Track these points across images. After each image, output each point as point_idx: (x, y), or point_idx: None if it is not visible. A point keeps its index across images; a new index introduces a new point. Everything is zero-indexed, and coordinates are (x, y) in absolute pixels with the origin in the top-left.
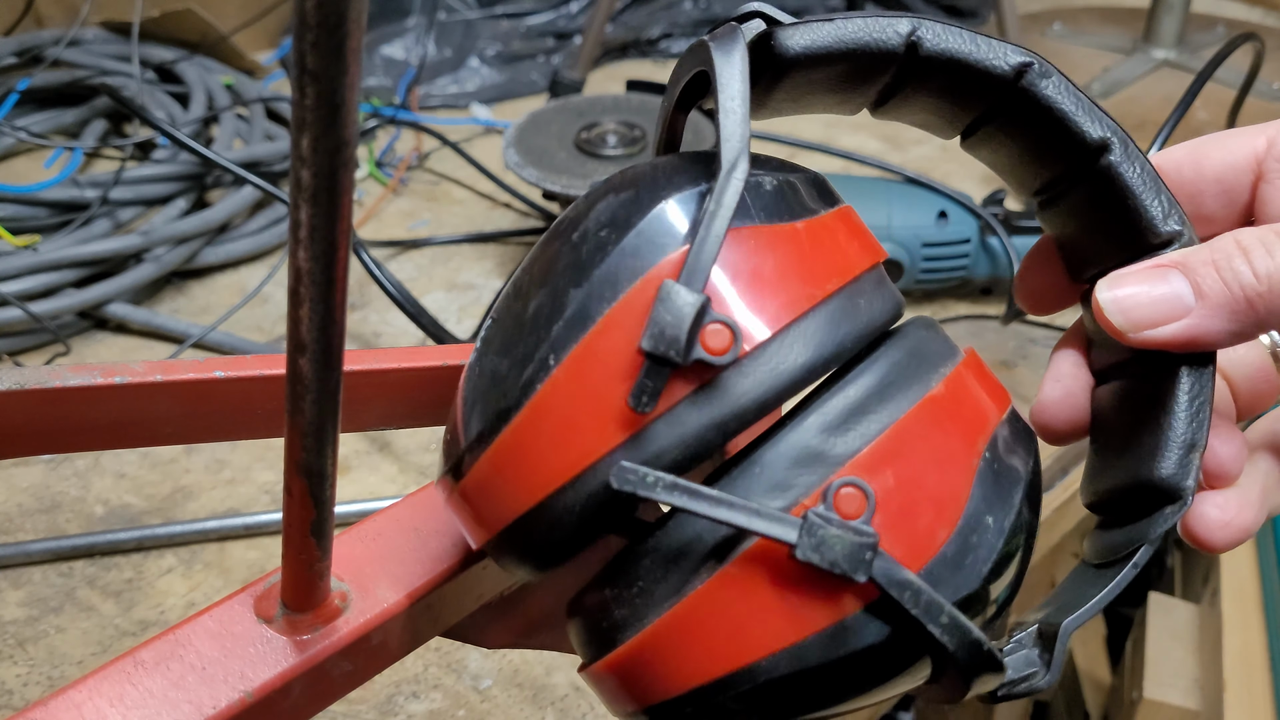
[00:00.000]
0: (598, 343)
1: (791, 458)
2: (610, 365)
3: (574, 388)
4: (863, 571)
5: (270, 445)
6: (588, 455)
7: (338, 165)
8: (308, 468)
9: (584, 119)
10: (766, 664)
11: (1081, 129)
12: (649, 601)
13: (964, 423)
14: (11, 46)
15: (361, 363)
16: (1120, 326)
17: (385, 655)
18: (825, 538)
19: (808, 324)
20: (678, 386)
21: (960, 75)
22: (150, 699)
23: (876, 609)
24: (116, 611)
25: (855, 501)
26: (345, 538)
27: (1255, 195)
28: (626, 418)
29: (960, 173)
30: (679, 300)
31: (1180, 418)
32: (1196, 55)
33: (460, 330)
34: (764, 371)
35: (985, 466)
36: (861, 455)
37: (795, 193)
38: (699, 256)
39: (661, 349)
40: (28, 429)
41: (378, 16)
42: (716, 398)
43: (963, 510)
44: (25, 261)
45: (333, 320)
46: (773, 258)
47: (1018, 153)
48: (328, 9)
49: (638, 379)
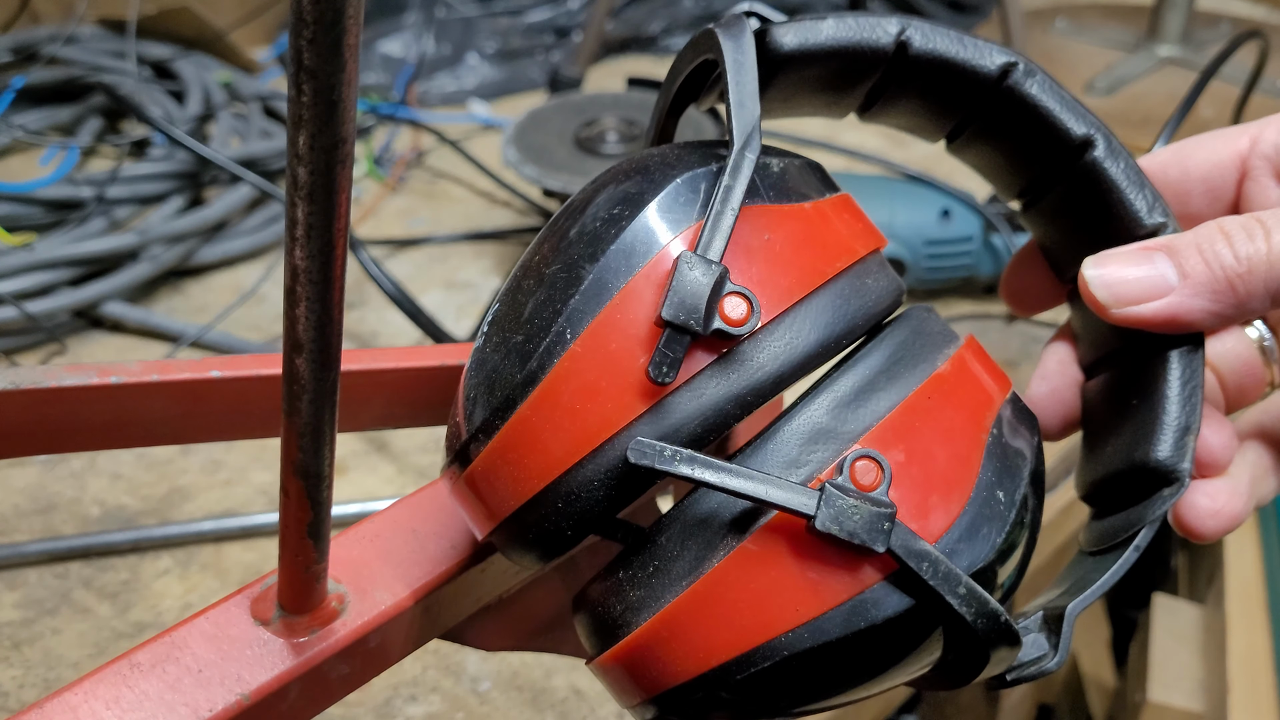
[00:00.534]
0: (616, 315)
1: (805, 435)
2: (629, 336)
3: (592, 360)
4: (881, 541)
5: (267, 446)
6: (606, 428)
7: (335, 163)
8: (304, 468)
9: (584, 116)
10: (787, 639)
11: (1064, 126)
12: (665, 581)
13: (971, 400)
14: (7, 44)
15: (359, 362)
16: (1104, 302)
17: (383, 658)
18: (844, 508)
19: (821, 299)
20: (697, 357)
21: (946, 76)
22: (146, 701)
23: (895, 580)
24: (112, 613)
25: (871, 472)
26: (343, 539)
27: (1240, 193)
28: (646, 389)
29: (963, 170)
30: (698, 270)
31: (1174, 401)
32: (1201, 52)
33: (459, 329)
34: (780, 345)
35: (993, 443)
36: (874, 430)
37: (799, 176)
38: (716, 228)
39: (682, 318)
40: (23, 429)
41: (375, 13)
42: (735, 369)
43: (974, 484)
44: (21, 260)
45: (330, 319)
46: (784, 235)
47: (1003, 153)
48: (325, 5)
49: (658, 349)
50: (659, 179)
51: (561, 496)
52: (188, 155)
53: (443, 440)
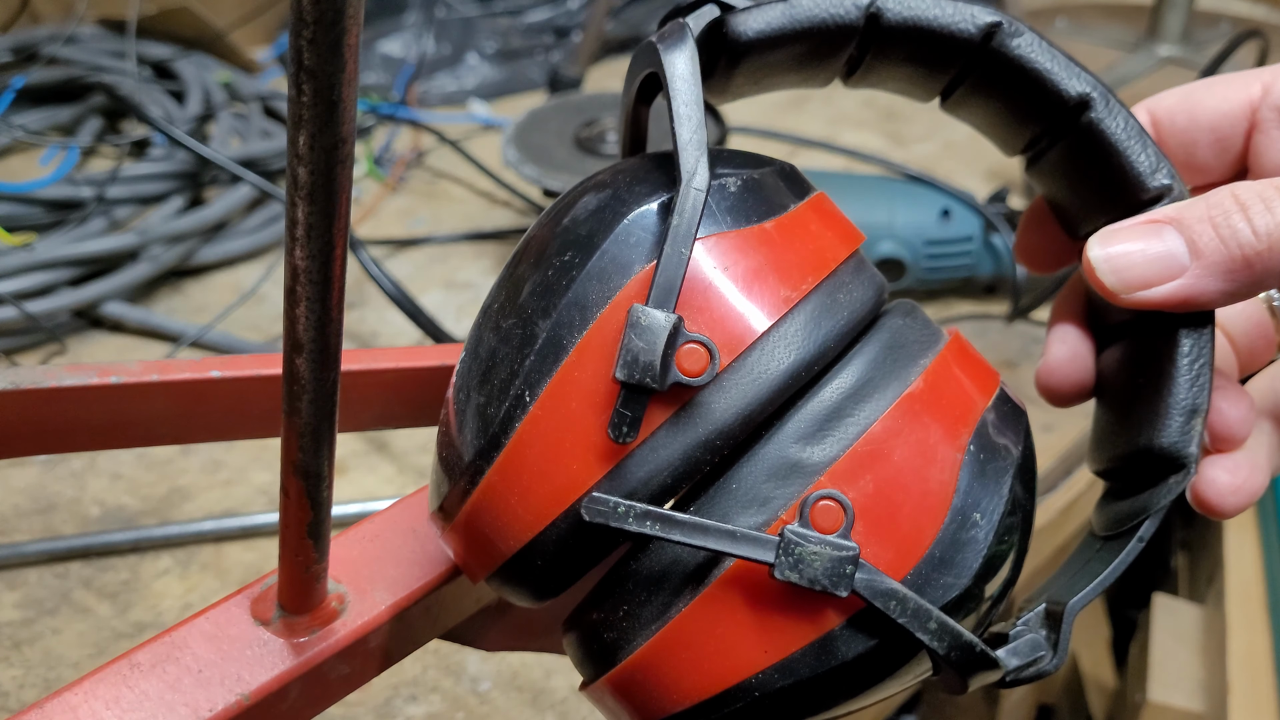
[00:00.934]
0: (572, 374)
1: (768, 470)
2: (587, 397)
3: (552, 424)
4: (844, 586)
5: (267, 446)
6: (572, 491)
7: (335, 163)
8: (305, 468)
9: (584, 116)
10: (758, 680)
11: (1059, 85)
12: (635, 625)
13: (946, 416)
14: (7, 43)
15: (359, 362)
16: (1112, 287)
17: (383, 658)
18: (803, 555)
19: (787, 328)
20: (657, 412)
21: (927, 41)
22: (146, 701)
23: (862, 619)
24: (112, 613)
25: (832, 515)
26: (342, 539)
27: (1249, 145)
28: (608, 449)
29: (963, 170)
30: (650, 324)
31: (1180, 383)
32: (1201, 52)
33: (458, 329)
34: (746, 384)
35: (970, 459)
36: (839, 463)
37: (762, 190)
38: (665, 275)
39: (636, 377)
40: (23, 429)
41: (375, 13)
42: (699, 418)
43: (949, 508)
44: (21, 260)
45: (330, 319)
46: (744, 263)
47: (996, 112)
48: (325, 5)
49: (615, 409)
50: (608, 220)
51: (538, 556)
52: (188, 155)
53: None
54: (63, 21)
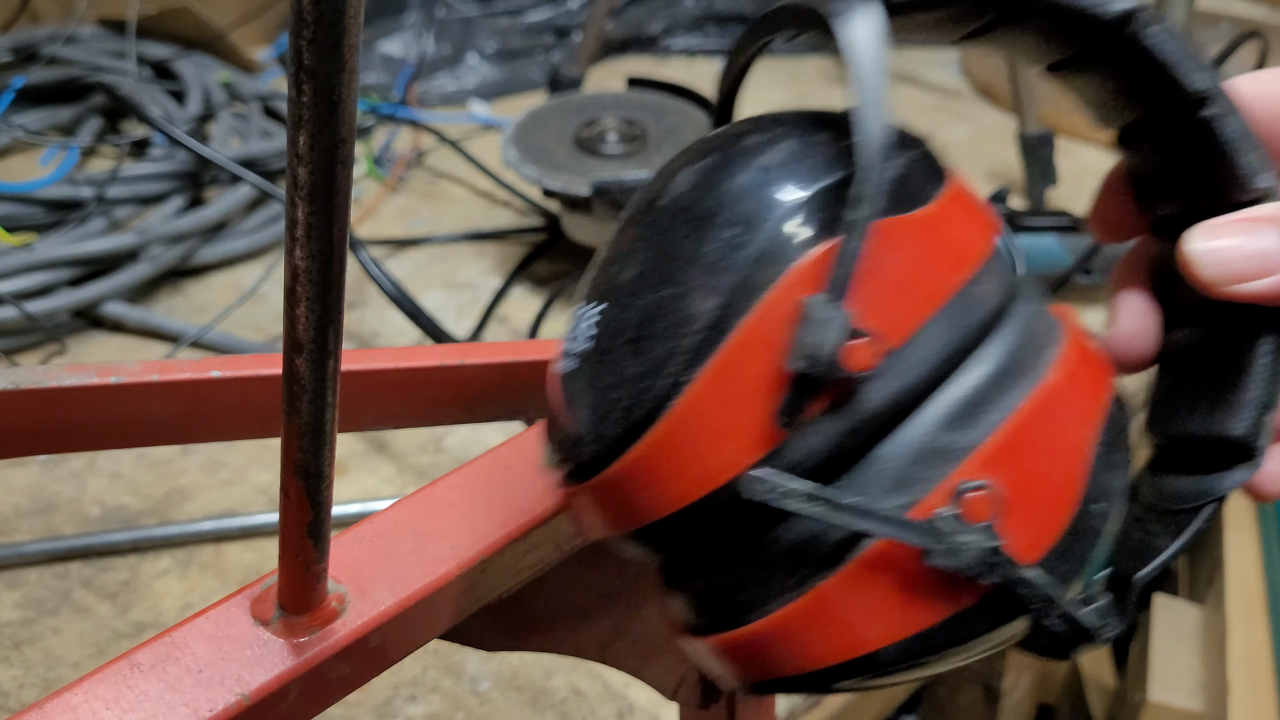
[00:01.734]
0: (736, 356)
1: (913, 453)
2: (751, 380)
3: (714, 402)
4: (990, 575)
5: (267, 446)
6: (728, 470)
7: (335, 163)
8: (305, 468)
9: (584, 116)
10: (888, 651)
11: (1183, 80)
12: (770, 592)
13: (1080, 405)
14: (7, 44)
15: (359, 362)
16: (1212, 279)
17: (383, 658)
18: (956, 544)
19: (940, 321)
20: (819, 399)
21: (1064, 17)
22: (146, 702)
23: (993, 599)
24: (112, 613)
25: (984, 505)
26: (343, 539)
27: None
28: (768, 433)
29: (963, 171)
30: (824, 318)
31: (1258, 378)
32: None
33: (458, 329)
34: (900, 375)
35: (1101, 449)
36: (982, 449)
37: (918, 173)
38: (841, 267)
39: (808, 369)
40: (23, 429)
41: (376, 13)
42: (856, 406)
43: (1079, 499)
44: (21, 260)
45: (330, 319)
46: (905, 252)
47: (1110, 91)
48: (325, 5)
49: (785, 398)
50: (775, 196)
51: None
52: (188, 155)
53: (442, 441)
54: (63, 21)
